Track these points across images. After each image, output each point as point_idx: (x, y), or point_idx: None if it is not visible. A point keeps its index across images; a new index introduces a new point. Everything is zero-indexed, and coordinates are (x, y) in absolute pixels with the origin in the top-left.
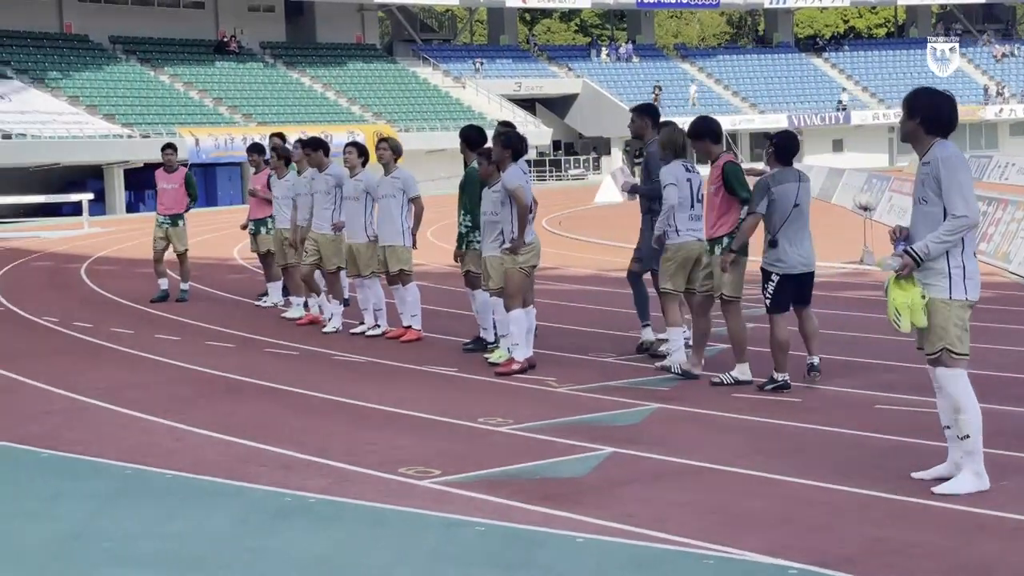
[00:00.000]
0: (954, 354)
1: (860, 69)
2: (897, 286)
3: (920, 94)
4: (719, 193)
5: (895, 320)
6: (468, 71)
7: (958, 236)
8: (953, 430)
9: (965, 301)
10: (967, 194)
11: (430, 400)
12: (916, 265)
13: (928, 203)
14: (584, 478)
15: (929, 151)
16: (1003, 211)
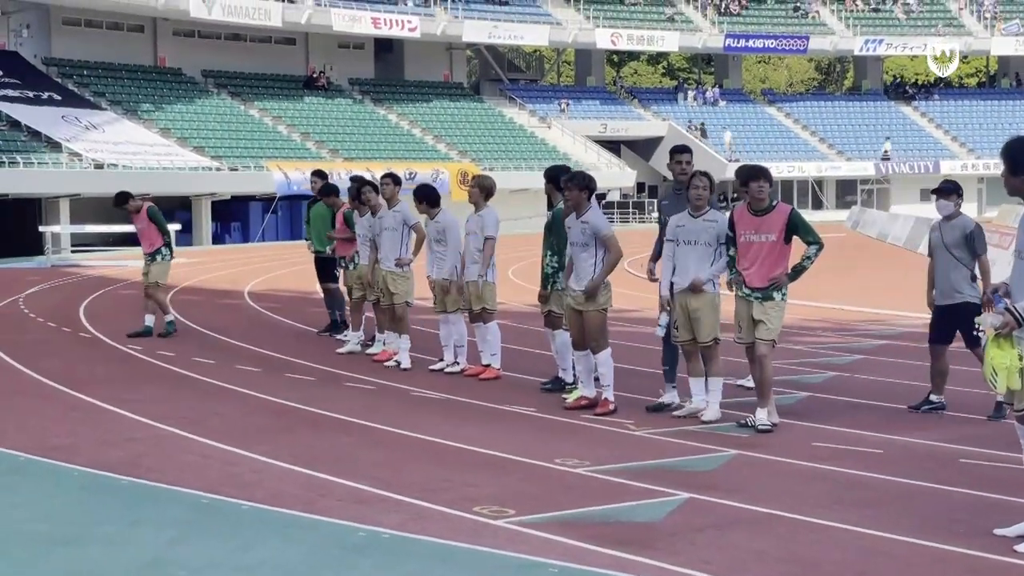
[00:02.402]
0: None
1: (950, 118)
2: (995, 345)
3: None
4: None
5: (991, 380)
6: (554, 111)
7: None
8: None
9: None
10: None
11: (506, 439)
12: (1018, 324)
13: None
14: (660, 523)
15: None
16: None
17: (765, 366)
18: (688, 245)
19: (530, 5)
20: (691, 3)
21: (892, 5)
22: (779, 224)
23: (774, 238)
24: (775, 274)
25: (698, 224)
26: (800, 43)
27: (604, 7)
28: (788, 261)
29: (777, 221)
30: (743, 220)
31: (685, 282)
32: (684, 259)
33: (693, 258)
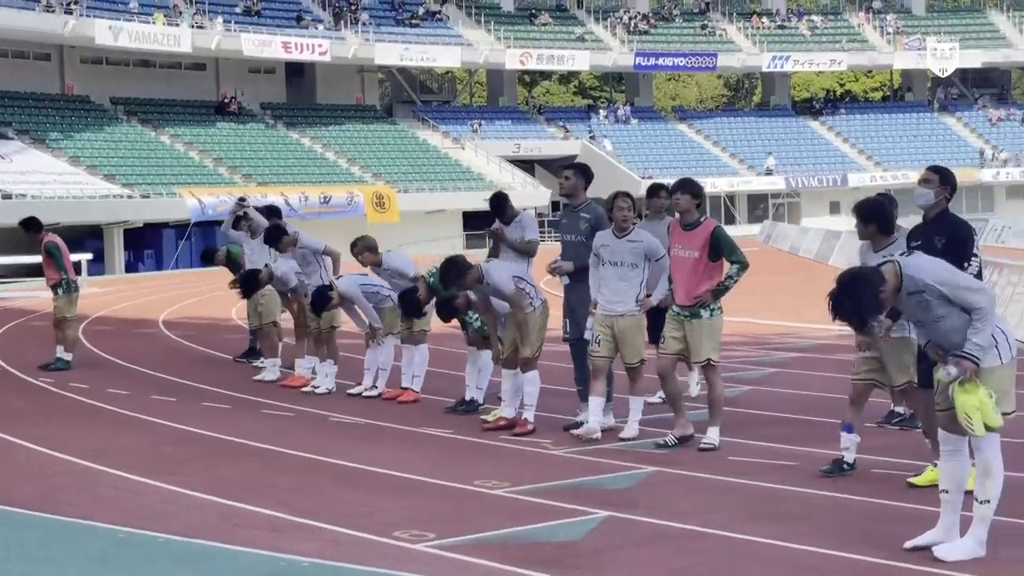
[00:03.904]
0: (1006, 415)
1: (856, 132)
2: (962, 391)
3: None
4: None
5: (968, 426)
6: (467, 132)
7: (992, 320)
8: (976, 492)
9: (1012, 359)
10: (974, 285)
11: (425, 462)
12: (977, 367)
13: (945, 318)
14: (579, 542)
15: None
16: (999, 275)
17: (715, 383)
18: (612, 266)
19: (441, 27)
20: (600, 22)
21: (797, 22)
22: (702, 240)
23: (697, 254)
24: (699, 292)
25: (623, 244)
26: (709, 60)
27: (514, 28)
28: (715, 278)
29: (700, 237)
30: (675, 233)
31: (610, 303)
32: (608, 279)
33: (616, 279)
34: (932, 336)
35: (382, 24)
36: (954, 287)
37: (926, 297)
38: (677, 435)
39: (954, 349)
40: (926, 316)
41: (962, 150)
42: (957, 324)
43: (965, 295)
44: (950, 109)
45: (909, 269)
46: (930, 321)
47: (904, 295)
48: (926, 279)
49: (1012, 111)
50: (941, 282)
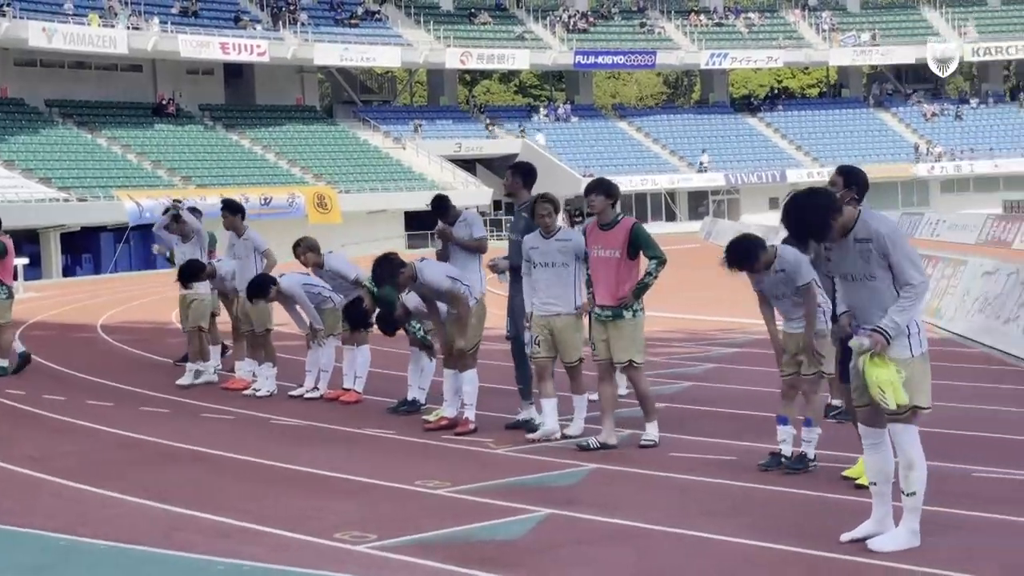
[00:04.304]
0: (922, 409)
1: (794, 128)
2: (873, 364)
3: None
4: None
5: (881, 399)
6: (408, 132)
7: (919, 303)
8: (902, 485)
9: (923, 353)
10: (916, 261)
11: (367, 463)
12: (887, 343)
13: (876, 279)
14: (521, 540)
15: (860, 225)
16: (933, 268)
17: (638, 383)
18: (544, 267)
19: (380, 27)
20: (540, 21)
21: (735, 20)
22: (621, 238)
23: (618, 254)
24: (623, 293)
25: (551, 245)
26: (648, 58)
27: (454, 27)
28: (635, 277)
29: (619, 236)
30: (592, 235)
31: (546, 304)
32: (540, 281)
33: (549, 279)
34: (855, 300)
35: (321, 24)
36: (901, 250)
37: (871, 248)
38: (601, 440)
39: (868, 324)
40: (861, 270)
41: (897, 145)
42: (883, 294)
43: (906, 265)
44: (885, 105)
45: (867, 214)
46: (862, 277)
47: (852, 240)
48: (880, 228)
49: (946, 106)
50: (892, 240)
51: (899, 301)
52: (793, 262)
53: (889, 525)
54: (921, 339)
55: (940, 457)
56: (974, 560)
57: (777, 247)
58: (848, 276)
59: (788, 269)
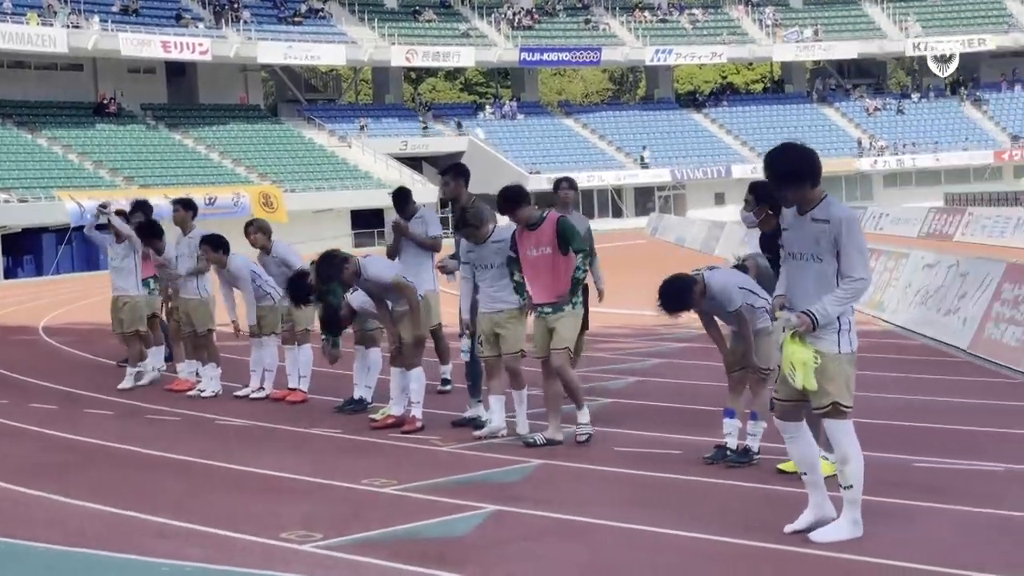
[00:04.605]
0: (842, 407)
1: (739, 124)
2: (793, 342)
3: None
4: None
5: (791, 375)
6: (354, 131)
7: (856, 299)
8: (839, 479)
9: (851, 353)
10: (865, 256)
11: (313, 462)
12: (813, 328)
13: (823, 261)
14: (467, 537)
15: (822, 207)
16: (876, 261)
17: (564, 373)
18: (483, 269)
19: (324, 25)
20: (484, 18)
21: (679, 16)
22: (549, 235)
23: (549, 251)
24: (562, 289)
25: (487, 248)
26: (593, 55)
27: (399, 25)
28: (571, 271)
29: (548, 232)
30: (522, 237)
31: (490, 303)
32: (484, 281)
33: (491, 281)
34: (796, 281)
35: (264, 22)
36: (854, 241)
37: (827, 230)
38: (548, 436)
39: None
40: (811, 249)
41: (840, 140)
42: (825, 279)
43: (855, 257)
44: (828, 100)
45: (831, 199)
46: (810, 257)
47: (810, 219)
48: (840, 213)
49: (888, 101)
50: (848, 227)
51: (836, 291)
52: (720, 290)
53: (828, 510)
54: (851, 338)
55: (882, 447)
56: (912, 548)
57: (704, 275)
58: (797, 255)
59: (718, 297)
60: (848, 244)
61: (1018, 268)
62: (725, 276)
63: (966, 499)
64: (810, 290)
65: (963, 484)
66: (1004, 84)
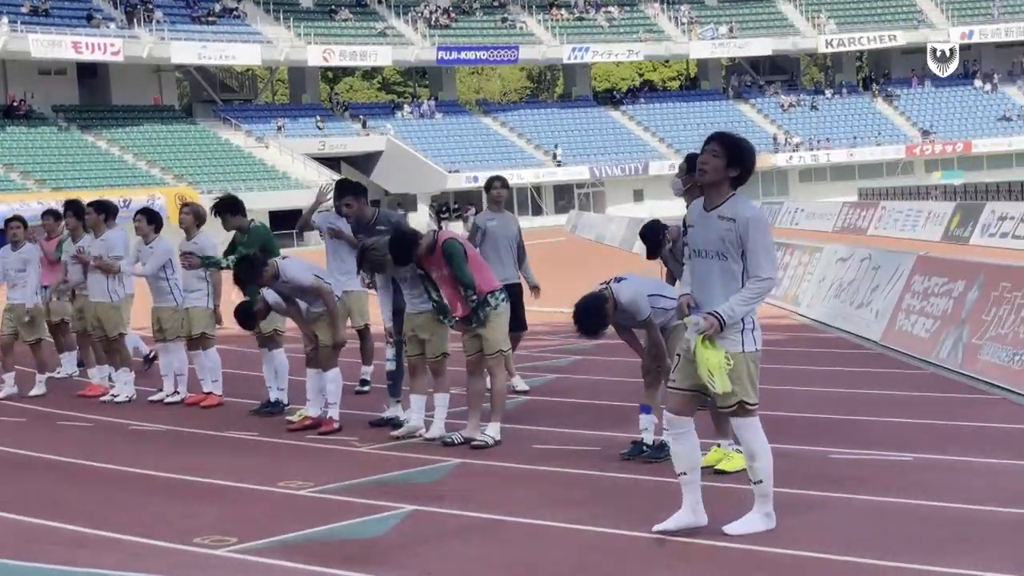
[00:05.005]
0: (748, 405)
1: (656, 121)
2: (704, 346)
3: (745, 145)
4: None
5: (710, 381)
6: (271, 131)
7: (762, 298)
8: (748, 474)
9: (755, 351)
10: (772, 256)
11: (230, 466)
12: (721, 328)
13: (728, 259)
14: (384, 538)
15: (728, 204)
16: (791, 256)
17: (496, 379)
18: (401, 280)
19: (239, 24)
20: (401, 17)
21: (596, 14)
22: (441, 259)
23: (446, 272)
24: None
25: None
26: (510, 53)
27: (315, 24)
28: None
29: (440, 257)
30: (425, 260)
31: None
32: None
33: (408, 286)
34: (701, 279)
35: (177, 22)
36: (760, 240)
37: (733, 228)
38: (465, 435)
39: (707, 308)
40: (716, 247)
41: (756, 136)
42: (730, 278)
43: (761, 256)
44: (744, 96)
45: (739, 197)
46: (715, 254)
47: (716, 216)
48: (746, 212)
49: (802, 97)
50: (755, 226)
51: (743, 292)
52: (629, 302)
53: (701, 513)
54: (756, 337)
55: (798, 440)
56: (826, 539)
57: (612, 288)
58: (702, 252)
59: (628, 310)
60: (755, 243)
61: (927, 260)
62: (632, 287)
63: (879, 489)
64: (715, 288)
65: (876, 474)
66: (915, 80)
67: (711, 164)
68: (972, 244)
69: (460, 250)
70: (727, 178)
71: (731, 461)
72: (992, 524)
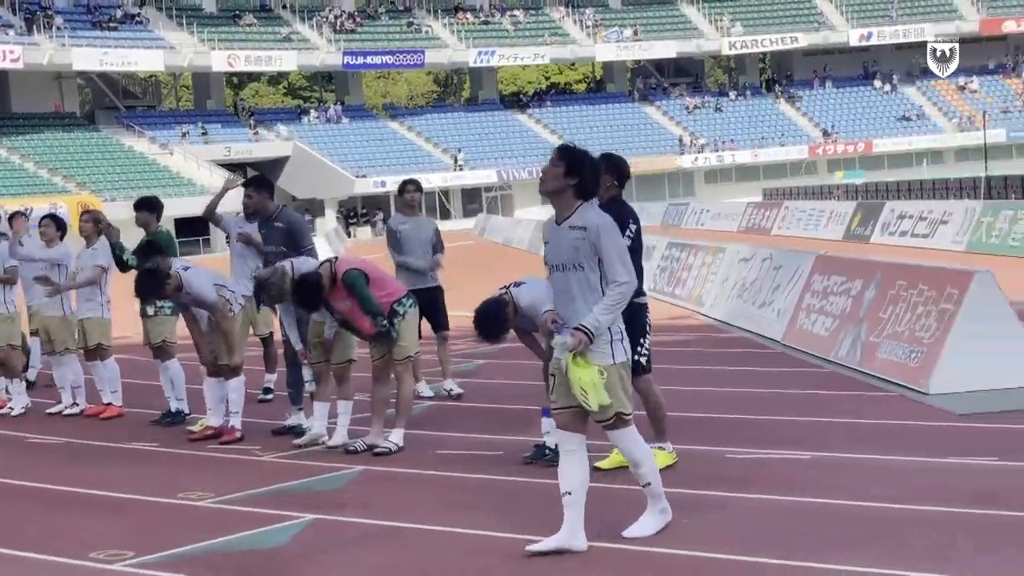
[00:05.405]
0: (624, 415)
1: (563, 124)
2: (576, 364)
3: (584, 156)
4: None
5: (584, 400)
6: (175, 137)
7: (624, 303)
8: (636, 479)
9: (626, 361)
10: (626, 260)
11: (129, 478)
12: (590, 341)
13: (585, 269)
14: (284, 548)
15: (577, 214)
16: (694, 256)
17: (403, 384)
18: None
19: (141, 30)
20: (306, 22)
21: (501, 17)
22: (344, 292)
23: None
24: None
25: None
26: (416, 57)
27: (218, 29)
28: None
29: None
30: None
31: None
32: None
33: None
34: (563, 292)
35: (78, 28)
36: (613, 245)
37: (584, 237)
38: (368, 442)
39: (572, 321)
40: (572, 258)
41: (662, 138)
42: (590, 288)
43: (616, 260)
44: (649, 98)
45: (586, 205)
46: (572, 267)
47: (567, 228)
48: (595, 219)
49: (707, 99)
50: (606, 232)
51: (604, 300)
52: (528, 306)
53: (580, 534)
54: (625, 347)
55: (696, 440)
56: (722, 538)
57: (511, 292)
58: (559, 266)
59: (528, 314)
60: (608, 249)
61: (826, 260)
62: (532, 291)
63: (775, 488)
64: (577, 300)
65: (773, 473)
66: (816, 81)
67: (550, 172)
68: (873, 243)
69: (361, 279)
70: (569, 187)
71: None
72: (885, 521)
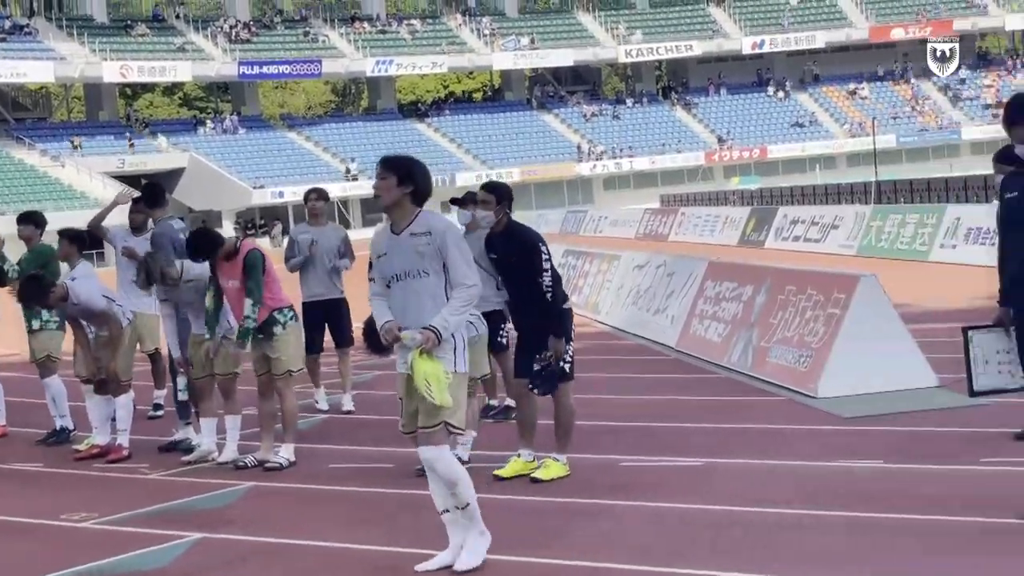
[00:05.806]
0: (452, 427)
1: (461, 132)
2: (423, 360)
3: (411, 162)
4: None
5: (428, 393)
6: (67, 149)
7: (471, 306)
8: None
9: (466, 374)
10: (471, 263)
11: (10, 500)
12: (439, 341)
13: (430, 275)
14: (169, 568)
15: (419, 221)
16: (590, 264)
17: (285, 399)
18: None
19: (31, 41)
20: (200, 32)
21: (398, 27)
22: (239, 267)
23: (238, 284)
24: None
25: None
26: (313, 67)
27: (110, 40)
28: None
29: (239, 265)
30: (219, 267)
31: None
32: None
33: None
34: (409, 302)
35: None
36: (458, 249)
37: (428, 242)
38: (258, 458)
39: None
40: (415, 265)
41: (561, 145)
42: (434, 294)
43: (462, 263)
44: (547, 106)
45: (427, 212)
46: (415, 274)
47: (407, 235)
48: (439, 225)
49: (604, 107)
50: (451, 236)
51: (451, 303)
52: None
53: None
54: (465, 359)
55: (590, 449)
56: (610, 547)
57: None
58: (402, 275)
59: None
60: (454, 253)
61: (718, 266)
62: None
63: (664, 495)
64: (426, 307)
65: (663, 480)
66: (711, 88)
67: (383, 187)
68: (767, 247)
69: (260, 263)
70: (405, 196)
71: (547, 469)
72: (774, 525)
